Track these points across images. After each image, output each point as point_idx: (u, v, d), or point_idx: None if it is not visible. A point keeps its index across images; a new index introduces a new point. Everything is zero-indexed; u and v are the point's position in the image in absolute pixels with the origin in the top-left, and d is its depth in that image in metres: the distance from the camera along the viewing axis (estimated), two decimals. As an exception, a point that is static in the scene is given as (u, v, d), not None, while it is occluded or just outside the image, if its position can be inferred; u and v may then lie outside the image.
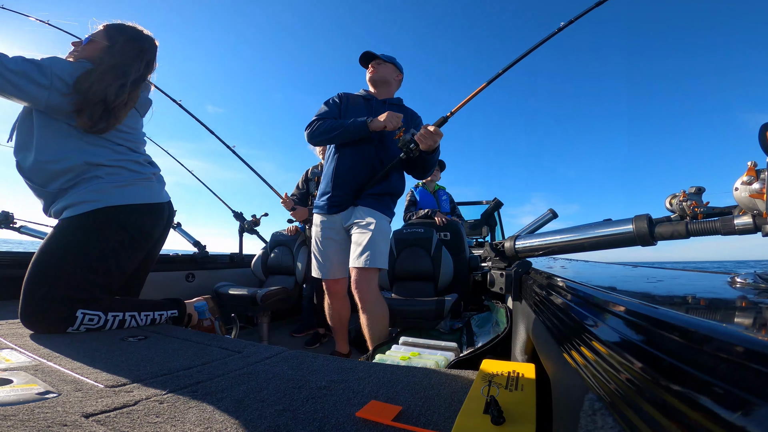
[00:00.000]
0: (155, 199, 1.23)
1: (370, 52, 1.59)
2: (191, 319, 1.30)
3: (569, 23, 1.32)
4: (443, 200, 2.91)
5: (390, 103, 1.60)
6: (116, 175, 1.14)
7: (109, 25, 1.19)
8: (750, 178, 0.60)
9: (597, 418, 0.23)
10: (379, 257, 1.40)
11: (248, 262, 2.68)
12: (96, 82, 1.06)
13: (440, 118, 1.36)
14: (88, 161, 1.10)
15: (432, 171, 1.55)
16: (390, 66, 1.61)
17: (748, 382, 0.14)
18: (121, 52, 1.16)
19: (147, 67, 1.23)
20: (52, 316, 0.97)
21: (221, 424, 0.47)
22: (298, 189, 2.48)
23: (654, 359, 0.20)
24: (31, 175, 1.11)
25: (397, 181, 1.56)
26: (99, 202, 1.09)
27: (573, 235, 0.83)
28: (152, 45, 1.24)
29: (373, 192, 1.49)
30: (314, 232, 1.58)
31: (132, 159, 1.19)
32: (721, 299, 0.40)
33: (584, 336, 0.30)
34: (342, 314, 1.64)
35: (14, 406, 0.47)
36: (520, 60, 1.37)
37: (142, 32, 1.23)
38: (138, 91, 1.20)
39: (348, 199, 1.49)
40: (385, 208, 1.51)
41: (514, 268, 0.87)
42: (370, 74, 1.60)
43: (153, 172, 1.26)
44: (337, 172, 1.49)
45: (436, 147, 1.36)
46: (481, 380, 0.54)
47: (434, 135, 1.31)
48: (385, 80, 1.60)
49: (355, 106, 1.57)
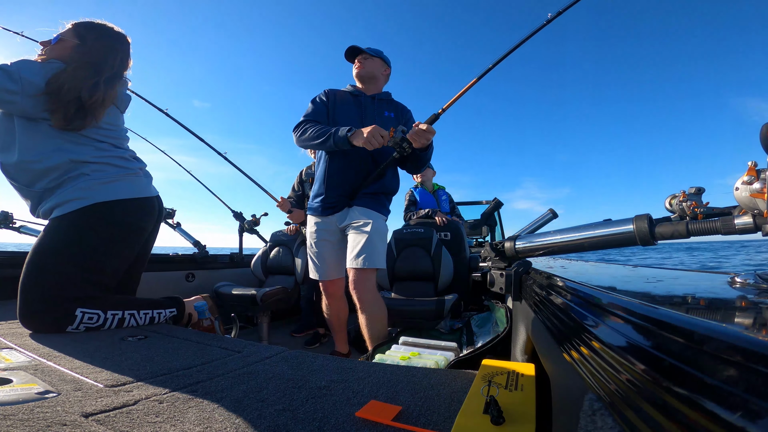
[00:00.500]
0: (143, 193, 1.22)
1: (356, 47, 1.53)
2: (191, 318, 1.30)
3: (557, 15, 1.30)
4: (443, 200, 2.91)
5: (379, 98, 1.56)
6: (102, 172, 1.13)
7: (77, 24, 1.17)
8: (750, 177, 0.60)
9: (597, 418, 0.23)
10: (376, 257, 1.40)
11: (248, 262, 2.68)
12: (68, 80, 1.05)
13: (432, 115, 1.34)
14: (73, 159, 1.09)
15: (425, 166, 1.53)
16: (377, 60, 1.55)
17: (748, 382, 0.14)
18: (92, 50, 1.14)
19: (121, 64, 1.21)
20: (50, 315, 0.97)
21: (221, 424, 0.47)
22: (294, 191, 2.47)
23: (654, 359, 0.20)
24: (16, 176, 1.10)
25: (391, 180, 1.55)
26: (87, 200, 1.09)
27: (573, 235, 0.83)
28: (124, 41, 1.22)
29: (368, 191, 1.47)
30: (309, 234, 1.56)
31: (116, 155, 1.18)
32: (721, 299, 0.40)
33: (584, 336, 0.30)
34: (340, 315, 1.63)
35: (14, 406, 0.47)
36: (509, 54, 1.35)
37: (113, 29, 1.21)
38: (115, 89, 1.18)
39: (342, 200, 1.47)
40: (380, 207, 1.50)
41: (514, 268, 0.87)
42: (356, 70, 1.54)
43: (139, 167, 1.25)
44: (330, 173, 1.47)
45: (429, 144, 1.35)
46: (481, 380, 0.54)
47: (426, 133, 1.29)
48: (373, 75, 1.55)
49: (343, 104, 1.53)
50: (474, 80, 1.38)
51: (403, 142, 1.30)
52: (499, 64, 1.39)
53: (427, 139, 1.30)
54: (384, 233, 1.49)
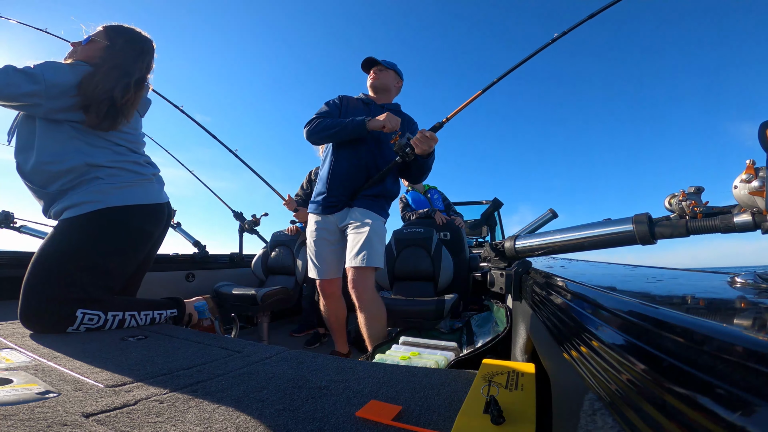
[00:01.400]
0: (155, 199, 1.23)
1: (373, 58, 1.61)
2: (191, 318, 1.30)
3: (563, 34, 1.36)
4: (435, 199, 2.89)
5: (388, 108, 1.61)
6: (117, 177, 1.14)
7: (108, 27, 1.20)
8: (749, 176, 0.60)
9: (597, 418, 0.23)
10: (375, 256, 1.41)
11: (248, 262, 2.68)
12: (101, 82, 1.08)
13: (436, 124, 1.41)
14: (89, 162, 1.10)
15: (427, 175, 1.57)
16: (391, 73, 1.63)
17: (748, 382, 0.14)
18: (122, 53, 1.17)
19: (147, 68, 1.24)
20: (52, 316, 0.97)
21: (221, 424, 0.47)
22: (302, 189, 2.50)
23: (654, 359, 0.20)
24: (32, 177, 1.11)
25: (392, 185, 1.58)
26: (100, 203, 1.10)
27: (573, 235, 0.83)
28: (151, 46, 1.26)
29: (369, 193, 1.50)
30: (308, 233, 1.59)
31: (132, 160, 1.20)
32: (721, 299, 0.40)
33: (584, 336, 0.30)
34: (339, 315, 1.64)
35: (14, 406, 0.47)
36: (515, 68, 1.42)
37: (141, 33, 1.24)
38: (141, 91, 1.21)
39: (343, 200, 1.51)
40: (380, 209, 1.52)
41: (514, 267, 0.87)
42: (371, 80, 1.61)
43: (153, 173, 1.26)
44: (333, 173, 1.51)
45: (431, 151, 1.39)
46: (481, 380, 0.54)
47: (430, 140, 1.34)
48: (386, 87, 1.62)
49: (354, 109, 1.59)
50: (479, 92, 1.44)
51: (407, 147, 1.37)
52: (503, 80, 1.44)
53: (429, 146, 1.35)
54: (382, 234, 1.51)
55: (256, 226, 2.79)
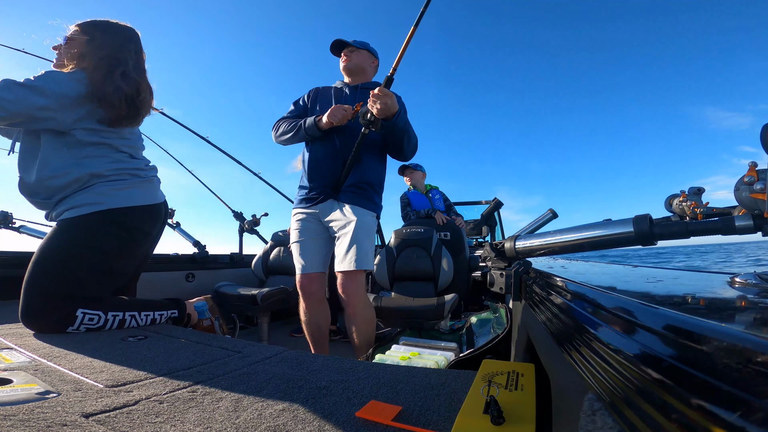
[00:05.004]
0: (154, 200, 1.24)
1: (341, 40, 1.48)
2: (191, 318, 1.30)
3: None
4: (436, 199, 2.89)
5: (363, 87, 1.50)
6: (118, 181, 1.15)
7: (81, 23, 1.15)
8: (751, 178, 0.60)
9: (597, 418, 0.23)
10: (364, 258, 1.33)
11: (248, 262, 2.68)
12: (100, 79, 1.06)
13: (385, 78, 1.26)
14: (92, 173, 1.10)
15: (408, 146, 1.43)
16: (364, 52, 1.50)
17: (748, 382, 0.14)
18: (104, 44, 1.13)
19: (137, 55, 1.21)
20: (52, 315, 0.97)
21: (221, 424, 0.47)
22: None
23: (654, 359, 0.20)
24: (35, 192, 1.11)
25: (373, 169, 1.46)
26: (101, 204, 1.10)
27: (573, 235, 0.83)
28: (133, 33, 1.22)
29: (351, 183, 1.41)
30: (292, 225, 1.49)
31: (132, 166, 1.19)
32: (721, 299, 0.40)
33: (584, 336, 0.30)
34: (320, 322, 1.46)
35: (14, 406, 0.47)
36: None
37: (118, 23, 1.20)
38: (147, 81, 1.20)
39: (326, 191, 1.42)
40: (367, 202, 1.42)
41: (514, 268, 0.87)
42: (343, 63, 1.49)
43: (152, 175, 1.27)
44: (310, 165, 1.44)
45: (394, 111, 1.26)
46: (481, 380, 0.54)
47: (383, 96, 1.21)
48: (360, 68, 1.50)
49: (322, 99, 1.50)
50: (412, 29, 1.22)
51: (367, 114, 1.26)
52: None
53: (384, 103, 1.22)
54: (370, 230, 1.40)
55: (256, 226, 2.79)
